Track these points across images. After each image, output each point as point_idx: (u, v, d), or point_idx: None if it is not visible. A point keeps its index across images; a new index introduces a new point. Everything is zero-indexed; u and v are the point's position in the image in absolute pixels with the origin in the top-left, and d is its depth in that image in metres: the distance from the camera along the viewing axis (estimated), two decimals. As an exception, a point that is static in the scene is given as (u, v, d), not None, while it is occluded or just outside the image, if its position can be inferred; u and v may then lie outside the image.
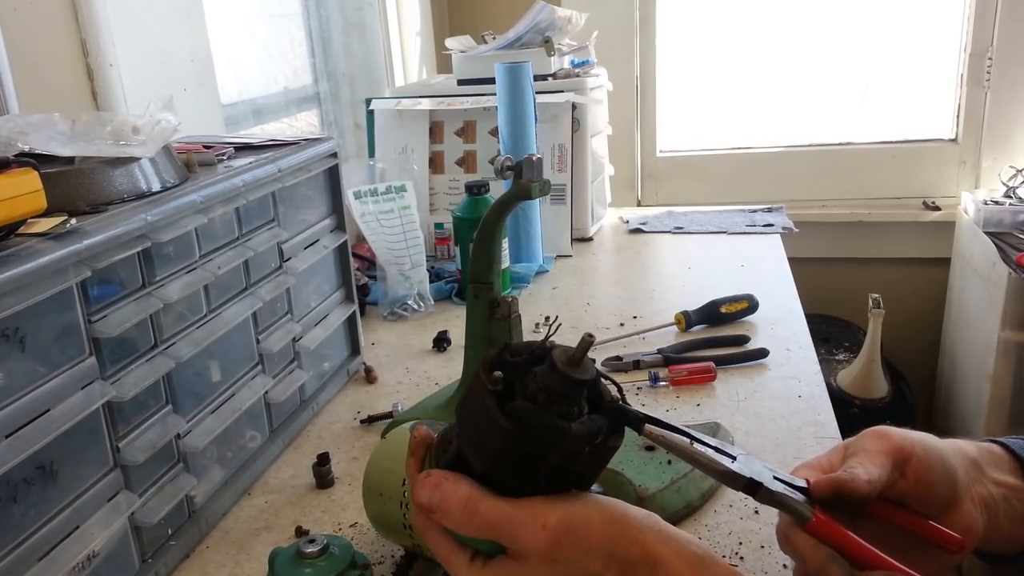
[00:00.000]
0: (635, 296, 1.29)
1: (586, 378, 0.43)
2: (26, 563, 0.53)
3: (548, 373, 0.43)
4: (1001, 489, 0.54)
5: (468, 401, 0.45)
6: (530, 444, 0.42)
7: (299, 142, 0.91)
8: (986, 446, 0.56)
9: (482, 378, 0.43)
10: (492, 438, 0.43)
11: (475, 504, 0.43)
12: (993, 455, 0.55)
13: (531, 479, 0.44)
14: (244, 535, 0.73)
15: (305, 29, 1.76)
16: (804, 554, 0.49)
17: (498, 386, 0.43)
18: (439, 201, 1.54)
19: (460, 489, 0.44)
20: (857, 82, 2.08)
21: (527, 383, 0.44)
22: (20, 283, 0.51)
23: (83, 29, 0.96)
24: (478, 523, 0.44)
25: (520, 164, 0.75)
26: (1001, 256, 1.58)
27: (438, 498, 0.44)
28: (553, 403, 0.43)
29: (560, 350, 0.44)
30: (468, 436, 0.45)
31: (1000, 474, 0.54)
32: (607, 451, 0.45)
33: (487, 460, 0.44)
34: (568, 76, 1.52)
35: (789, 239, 1.53)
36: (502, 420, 0.42)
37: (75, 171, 0.62)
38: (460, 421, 0.46)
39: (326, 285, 0.98)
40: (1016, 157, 1.91)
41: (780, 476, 0.50)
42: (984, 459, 0.55)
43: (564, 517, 0.43)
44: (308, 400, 0.93)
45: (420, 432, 0.49)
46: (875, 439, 0.52)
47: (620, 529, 0.44)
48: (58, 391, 0.55)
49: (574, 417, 0.44)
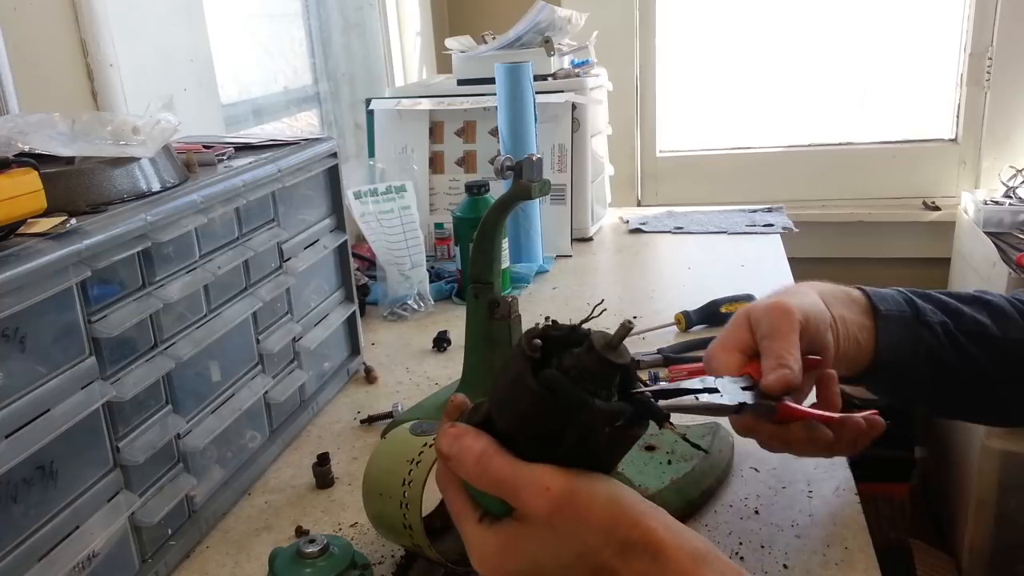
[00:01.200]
0: (635, 296, 1.29)
1: (620, 362, 0.44)
2: (26, 563, 0.53)
3: (584, 353, 0.44)
4: (847, 326, 0.68)
5: (506, 365, 0.46)
6: (554, 410, 0.43)
7: (299, 142, 0.91)
8: (846, 289, 0.72)
9: (522, 344, 0.45)
10: (519, 400, 0.44)
11: (488, 458, 0.45)
12: (850, 297, 0.71)
13: (550, 449, 0.44)
14: (244, 535, 0.73)
15: (305, 29, 1.76)
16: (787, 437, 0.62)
17: (536, 353, 0.44)
18: (439, 201, 1.54)
19: (478, 443, 0.45)
20: (857, 82, 2.08)
21: (563, 359, 0.45)
22: (20, 283, 0.51)
23: (83, 29, 0.96)
24: (488, 477, 0.45)
25: (520, 164, 0.75)
26: (1001, 256, 1.58)
27: (456, 448, 0.46)
28: (584, 380, 0.44)
29: (599, 333, 0.45)
30: (498, 396, 0.46)
31: (851, 314, 0.69)
32: (628, 438, 0.46)
33: (511, 421, 0.45)
34: (568, 76, 1.52)
35: (789, 239, 1.53)
36: (531, 382, 0.43)
37: (75, 171, 0.62)
38: (494, 383, 0.47)
39: (326, 285, 0.98)
40: (1016, 157, 1.91)
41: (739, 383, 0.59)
42: (839, 298, 0.70)
43: (568, 486, 0.44)
44: (308, 400, 0.93)
45: (456, 398, 0.51)
46: (782, 318, 0.62)
47: (623, 510, 0.44)
48: (58, 391, 0.55)
49: (602, 398, 0.45)
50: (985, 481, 1.58)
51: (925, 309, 0.71)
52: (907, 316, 0.70)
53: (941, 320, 0.71)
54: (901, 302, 0.72)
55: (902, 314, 0.70)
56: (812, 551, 0.65)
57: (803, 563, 0.64)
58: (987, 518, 1.61)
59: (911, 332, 0.70)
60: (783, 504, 0.71)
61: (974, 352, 0.70)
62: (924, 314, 0.71)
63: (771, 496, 0.73)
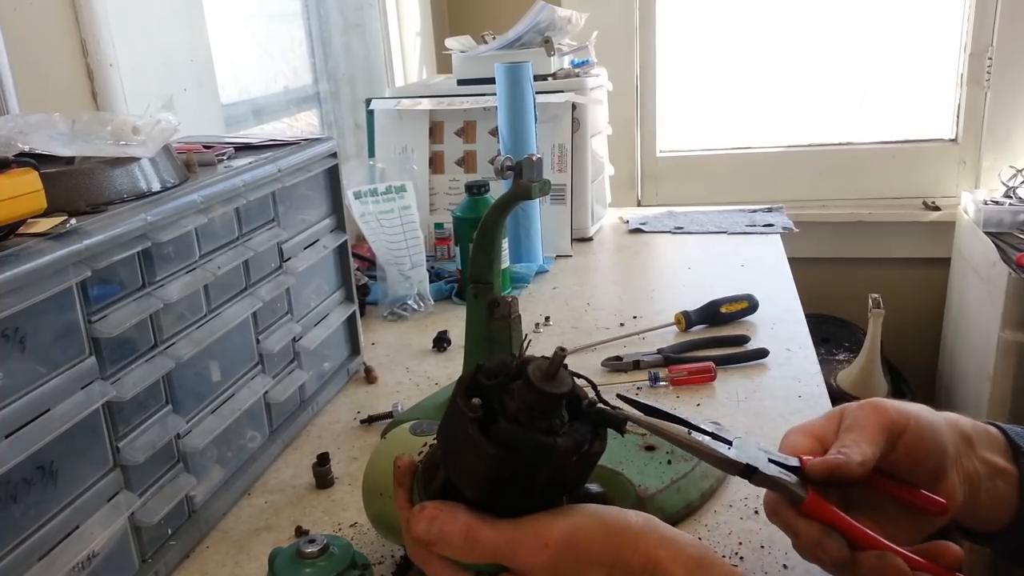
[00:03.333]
0: (635, 296, 1.29)
1: (563, 391, 0.43)
2: (26, 563, 0.53)
3: (525, 390, 0.43)
4: (987, 468, 0.55)
5: (450, 428, 0.44)
6: (519, 465, 0.42)
7: (299, 142, 0.91)
8: (983, 426, 0.58)
9: (460, 406, 0.43)
10: (480, 465, 0.42)
11: (475, 532, 0.43)
12: (988, 435, 0.57)
13: (523, 497, 0.44)
14: (244, 535, 0.73)
15: (305, 29, 1.76)
16: (797, 530, 0.51)
17: (478, 413, 0.42)
18: (439, 201, 1.54)
19: (458, 519, 0.44)
20: (857, 82, 2.07)
21: (505, 403, 0.43)
22: (20, 283, 0.51)
23: (83, 29, 0.96)
24: (480, 550, 0.44)
25: (520, 164, 0.75)
26: (1001, 256, 1.58)
27: (436, 531, 0.44)
28: (535, 419, 0.43)
29: (535, 365, 0.43)
30: (455, 465, 0.45)
31: (990, 454, 0.56)
32: (593, 456, 0.45)
33: (478, 487, 0.44)
34: (568, 76, 1.52)
35: (789, 239, 1.53)
36: (488, 447, 0.41)
37: (75, 171, 0.62)
38: (444, 448, 0.46)
39: (326, 285, 0.98)
40: (1016, 157, 1.91)
41: (774, 458, 0.52)
42: (978, 437, 0.56)
43: (565, 533, 0.43)
44: (308, 400, 0.93)
45: (403, 462, 0.49)
46: (872, 413, 0.53)
47: (621, 538, 0.44)
48: (58, 391, 0.55)
49: (557, 429, 0.44)
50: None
51: None
52: None
53: None
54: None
55: None
56: (812, 551, 0.65)
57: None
58: (987, 518, 1.60)
59: None
60: (783, 504, 0.71)
61: None
62: None
63: (771, 496, 0.73)
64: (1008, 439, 0.57)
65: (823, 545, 0.50)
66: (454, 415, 0.44)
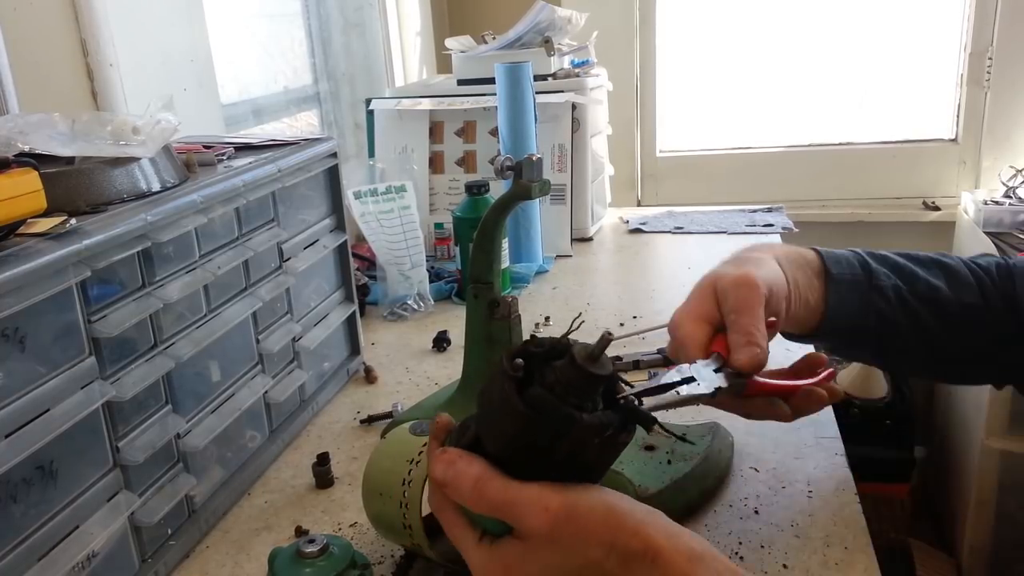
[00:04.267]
0: (635, 296, 1.29)
1: (603, 373, 0.45)
2: (26, 563, 0.53)
3: (567, 366, 0.45)
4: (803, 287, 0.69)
5: (489, 386, 0.46)
6: (542, 430, 0.44)
7: (299, 142, 0.91)
8: (801, 252, 0.73)
9: (504, 364, 0.45)
10: (507, 421, 0.44)
11: (484, 483, 0.45)
12: (804, 258, 0.72)
13: (542, 466, 0.45)
14: (244, 535, 0.73)
15: (305, 29, 1.76)
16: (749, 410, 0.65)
17: (518, 372, 0.44)
18: (439, 201, 1.54)
19: (472, 468, 0.46)
20: (857, 82, 2.07)
21: (546, 374, 0.45)
22: (20, 283, 0.51)
23: (83, 29, 0.96)
24: (486, 501, 0.45)
25: (520, 164, 0.75)
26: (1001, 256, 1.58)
27: (452, 474, 0.46)
28: (569, 395, 0.44)
29: (580, 346, 0.45)
30: (485, 419, 0.47)
31: (803, 275, 0.70)
32: (617, 445, 0.46)
33: (500, 443, 0.45)
34: (568, 76, 1.52)
35: (789, 239, 1.53)
36: (518, 405, 0.43)
37: (75, 171, 0.62)
38: (479, 405, 0.47)
39: (326, 285, 0.98)
40: (1016, 157, 1.91)
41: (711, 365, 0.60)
42: (798, 262, 0.71)
43: (566, 502, 0.44)
44: (308, 400, 0.93)
45: (442, 418, 0.51)
46: (750, 292, 0.62)
47: (621, 521, 0.44)
48: (58, 391, 0.55)
49: (587, 410, 0.45)
50: (985, 481, 1.59)
51: (879, 272, 0.71)
52: (859, 279, 0.71)
53: (894, 284, 0.71)
54: (855, 264, 0.72)
55: (854, 277, 0.71)
56: (812, 551, 0.65)
57: (803, 563, 0.64)
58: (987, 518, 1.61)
59: (862, 296, 0.70)
60: (783, 504, 0.71)
61: (925, 316, 0.70)
62: (877, 277, 0.71)
63: (771, 496, 0.73)
64: (822, 261, 0.71)
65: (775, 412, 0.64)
66: (496, 373, 0.46)
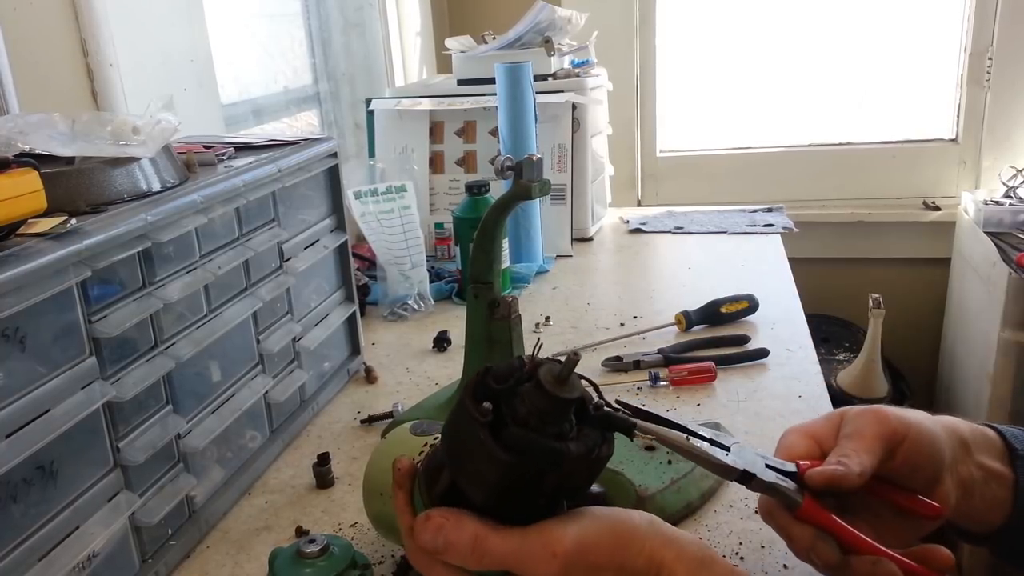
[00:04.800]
0: (635, 296, 1.29)
1: (574, 396, 0.43)
2: (26, 563, 0.53)
3: (536, 394, 0.42)
4: (982, 472, 0.56)
5: (457, 431, 0.44)
6: (530, 471, 0.42)
7: (299, 142, 0.91)
8: (980, 429, 0.58)
9: (470, 410, 0.42)
10: (490, 471, 0.42)
11: (483, 542, 0.43)
12: (985, 439, 0.58)
13: (531, 502, 0.44)
14: (244, 535, 0.73)
15: (305, 29, 1.76)
16: (791, 534, 0.52)
17: (488, 417, 0.42)
18: (439, 201, 1.54)
19: (465, 528, 0.43)
20: (857, 82, 2.07)
21: (514, 405, 0.43)
22: (20, 283, 0.51)
23: (83, 29, 0.96)
24: (489, 559, 0.44)
25: (520, 164, 0.75)
26: (1001, 256, 1.58)
27: (443, 541, 0.44)
28: (545, 424, 0.42)
29: (546, 369, 0.43)
30: (462, 469, 0.44)
31: (986, 458, 0.57)
32: (602, 461, 0.45)
33: (485, 492, 0.43)
34: (568, 76, 1.52)
35: (789, 239, 1.53)
36: (501, 454, 0.41)
37: (75, 171, 0.62)
38: (450, 452, 0.45)
39: (326, 285, 0.98)
40: (1016, 157, 1.91)
41: (771, 463, 0.52)
42: (975, 441, 0.57)
43: (574, 541, 0.43)
44: (308, 400, 0.93)
45: (403, 464, 0.49)
46: (873, 422, 0.53)
47: (627, 542, 0.44)
48: (58, 391, 0.55)
49: (567, 434, 0.43)
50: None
51: None
52: None
53: None
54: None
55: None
56: (812, 551, 0.65)
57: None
58: (987, 518, 1.60)
59: None
60: (783, 504, 0.71)
61: None
62: None
63: (771, 496, 0.73)
64: (1005, 442, 0.58)
65: (816, 548, 0.51)
66: (462, 419, 0.43)
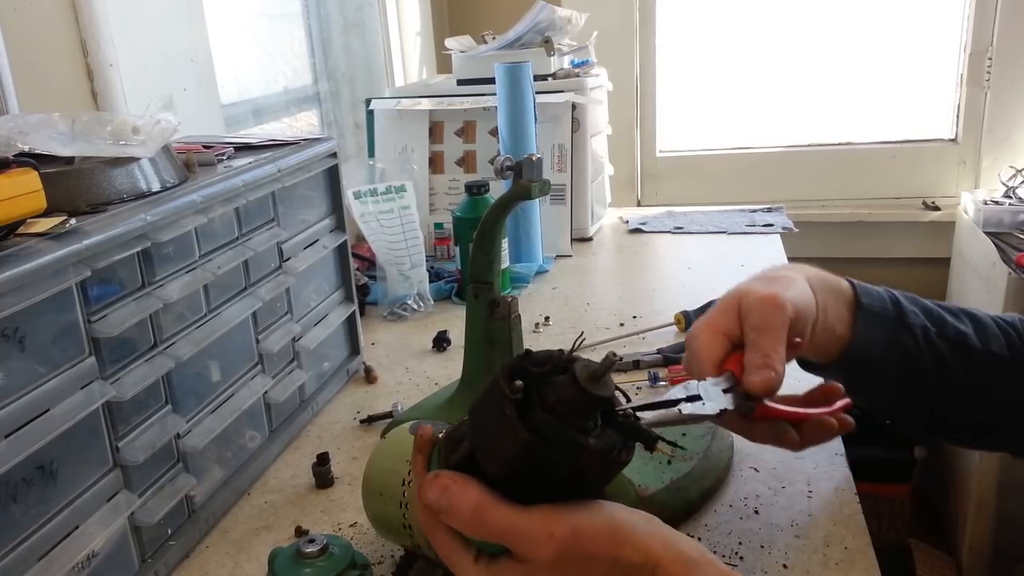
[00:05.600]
0: (635, 296, 1.29)
1: (606, 395, 0.44)
2: (26, 563, 0.53)
3: (569, 387, 0.43)
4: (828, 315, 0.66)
5: (485, 405, 0.45)
6: (546, 456, 0.43)
7: (299, 142, 0.91)
8: (835, 280, 0.69)
9: (502, 385, 0.43)
10: (509, 446, 0.43)
11: (484, 510, 0.44)
12: (840, 288, 0.69)
13: (541, 488, 0.44)
14: (244, 535, 0.73)
15: (305, 29, 1.76)
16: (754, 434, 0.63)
17: (518, 395, 0.43)
18: (439, 201, 1.54)
19: (469, 494, 0.44)
20: (857, 82, 2.07)
21: (545, 393, 0.44)
22: (20, 283, 0.51)
23: (83, 29, 0.96)
24: (486, 529, 0.44)
25: (520, 164, 0.75)
26: (1001, 256, 1.58)
27: (446, 501, 0.45)
28: (571, 416, 0.43)
29: (582, 364, 0.44)
30: (483, 440, 0.45)
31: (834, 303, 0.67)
32: (618, 465, 0.46)
33: (500, 466, 0.44)
34: (568, 76, 1.52)
35: (789, 239, 1.53)
36: (522, 431, 0.42)
37: (75, 171, 0.62)
38: (474, 424, 0.46)
39: (326, 285, 0.98)
40: (1016, 157, 1.91)
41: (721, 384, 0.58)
42: (827, 287, 0.68)
43: (571, 527, 0.44)
44: (308, 400, 0.93)
45: (426, 431, 0.50)
46: (774, 311, 0.60)
47: (624, 536, 0.45)
48: (58, 391, 0.55)
49: (590, 431, 0.44)
50: (985, 481, 1.59)
51: (908, 311, 0.70)
52: (889, 314, 0.69)
53: (923, 324, 0.69)
54: (886, 300, 0.70)
55: (884, 311, 0.69)
56: (812, 551, 0.65)
57: (803, 563, 0.64)
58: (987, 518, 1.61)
59: (889, 330, 0.68)
60: (783, 504, 0.71)
61: (950, 361, 0.68)
62: (906, 315, 0.69)
63: (771, 496, 0.73)
64: (854, 292, 0.69)
65: (781, 439, 0.62)
66: (493, 393, 0.44)
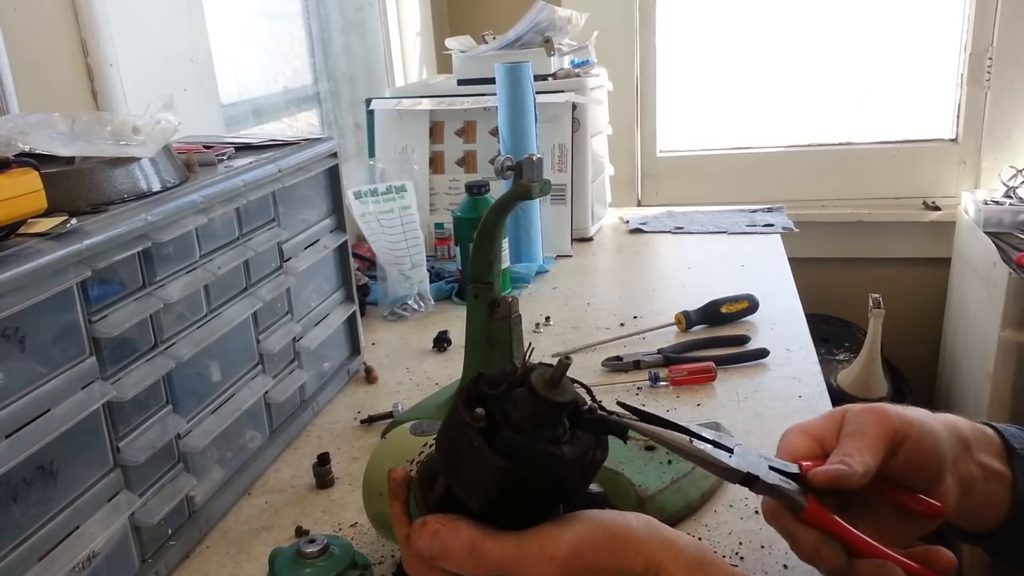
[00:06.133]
0: (635, 296, 1.29)
1: (566, 400, 0.43)
2: (26, 563, 0.53)
3: (529, 399, 0.42)
4: (982, 470, 0.56)
5: (451, 437, 0.44)
6: (524, 476, 0.42)
7: (299, 142, 0.91)
8: (980, 428, 0.58)
9: (464, 416, 0.42)
10: (485, 476, 0.42)
11: (480, 547, 0.43)
12: (985, 437, 0.58)
13: (527, 506, 0.44)
14: (244, 535, 0.73)
15: (305, 29, 1.76)
16: (796, 537, 0.52)
17: (482, 423, 0.42)
18: (439, 201, 1.54)
19: (461, 534, 0.43)
20: (857, 82, 2.07)
21: (507, 411, 0.43)
22: (20, 283, 0.51)
23: (83, 29, 0.96)
24: (485, 565, 0.43)
25: (520, 164, 0.74)
26: (1001, 256, 1.58)
27: (439, 547, 0.44)
28: (539, 428, 0.43)
29: (537, 374, 0.43)
30: (457, 475, 0.44)
31: (986, 456, 0.57)
32: (595, 464, 0.45)
33: (480, 497, 0.43)
34: (568, 76, 1.52)
35: (789, 239, 1.53)
36: (495, 459, 0.41)
37: (75, 171, 0.62)
38: (444, 459, 0.45)
39: (326, 285, 0.98)
40: (1016, 157, 1.91)
41: (775, 464, 0.52)
42: (975, 439, 0.57)
43: (571, 545, 0.43)
44: (308, 400, 0.93)
45: (398, 474, 0.49)
46: (875, 421, 0.53)
47: (624, 545, 0.44)
48: (58, 391, 0.55)
49: (560, 438, 0.43)
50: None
51: None
52: None
53: None
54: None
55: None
56: (812, 551, 0.65)
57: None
58: (987, 518, 1.60)
59: None
60: (783, 504, 0.71)
61: None
62: None
63: (771, 496, 0.73)
64: (1004, 441, 0.58)
65: (821, 552, 0.51)
66: (456, 425, 0.43)
